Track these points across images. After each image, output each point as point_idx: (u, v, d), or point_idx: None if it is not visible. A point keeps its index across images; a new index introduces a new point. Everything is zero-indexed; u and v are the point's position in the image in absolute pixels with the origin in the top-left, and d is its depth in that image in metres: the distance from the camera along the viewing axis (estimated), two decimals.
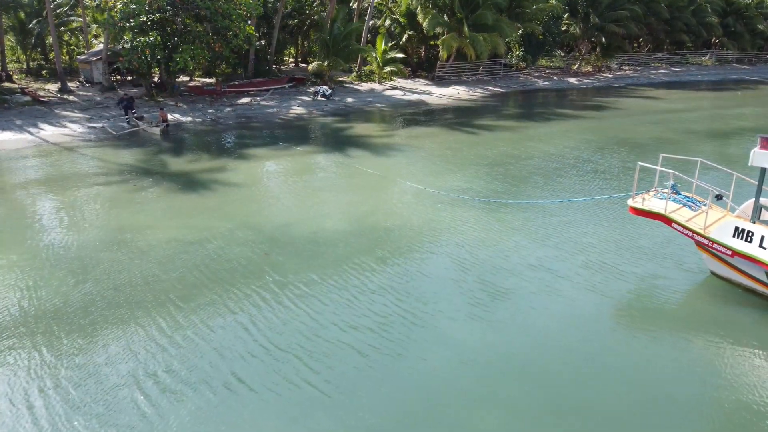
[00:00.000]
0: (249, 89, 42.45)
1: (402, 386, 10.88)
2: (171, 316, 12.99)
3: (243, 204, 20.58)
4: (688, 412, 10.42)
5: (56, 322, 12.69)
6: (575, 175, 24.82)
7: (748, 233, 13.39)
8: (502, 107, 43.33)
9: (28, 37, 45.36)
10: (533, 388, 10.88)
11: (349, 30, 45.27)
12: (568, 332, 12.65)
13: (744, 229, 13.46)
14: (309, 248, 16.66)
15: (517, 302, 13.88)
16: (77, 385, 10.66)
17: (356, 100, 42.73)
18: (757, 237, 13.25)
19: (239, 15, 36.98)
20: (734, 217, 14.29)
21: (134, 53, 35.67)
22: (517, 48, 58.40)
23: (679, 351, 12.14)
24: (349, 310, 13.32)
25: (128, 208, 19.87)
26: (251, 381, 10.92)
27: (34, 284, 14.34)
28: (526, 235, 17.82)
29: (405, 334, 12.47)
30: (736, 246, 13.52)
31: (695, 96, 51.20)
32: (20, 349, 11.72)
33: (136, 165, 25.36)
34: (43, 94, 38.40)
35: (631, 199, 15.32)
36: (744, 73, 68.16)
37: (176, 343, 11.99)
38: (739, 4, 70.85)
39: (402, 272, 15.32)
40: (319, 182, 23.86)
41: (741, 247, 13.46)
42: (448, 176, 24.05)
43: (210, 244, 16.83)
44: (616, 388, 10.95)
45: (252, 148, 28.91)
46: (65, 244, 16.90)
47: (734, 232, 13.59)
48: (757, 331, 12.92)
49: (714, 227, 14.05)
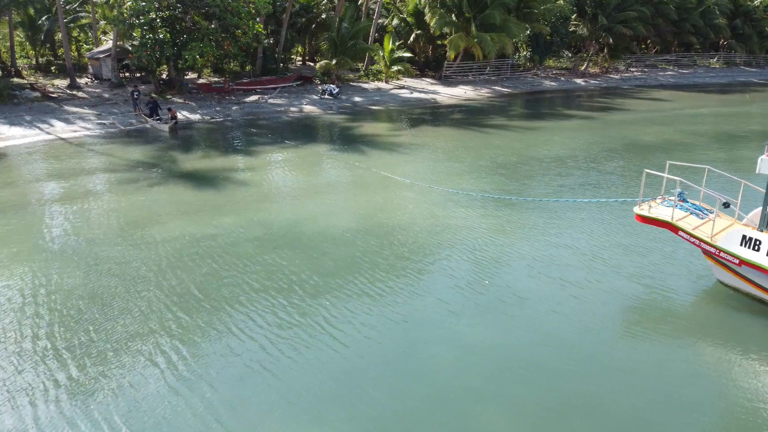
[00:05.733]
0: (257, 87, 42.59)
1: (408, 382, 11.01)
2: (178, 309, 13.12)
3: (251, 201, 20.73)
4: (693, 415, 10.46)
5: (65, 315, 12.83)
6: (582, 176, 24.83)
7: (756, 242, 13.34)
8: (509, 107, 43.34)
9: (37, 33, 45.56)
10: (539, 387, 10.98)
11: (357, 29, 45.33)
12: (573, 333, 12.74)
13: (752, 238, 13.42)
14: (316, 245, 16.80)
15: (524, 302, 13.95)
16: (85, 374, 10.83)
17: (363, 98, 42.79)
18: (765, 246, 13.18)
19: (248, 13, 37.09)
20: (742, 226, 14.25)
21: (143, 50, 35.84)
22: (524, 48, 58.34)
23: (685, 355, 12.20)
24: (355, 307, 13.44)
25: (137, 203, 20.03)
26: (257, 376, 11.08)
27: (45, 276, 14.49)
28: (533, 235, 17.88)
29: (411, 331, 12.61)
30: (744, 255, 13.48)
31: (703, 98, 51.01)
32: (26, 340, 11.88)
33: (145, 161, 25.52)
34: (52, 90, 38.60)
35: (638, 206, 15.29)
36: (752, 75, 67.90)
37: (184, 336, 12.13)
38: (748, 6, 70.55)
39: (408, 270, 15.44)
40: (327, 180, 23.98)
41: (748, 256, 13.41)
42: (455, 175, 24.13)
43: (219, 239, 17.02)
44: (621, 389, 11.02)
45: (260, 146, 29.04)
46: (75, 238, 17.08)
47: (742, 241, 13.54)
48: (764, 337, 12.94)
49: (721, 235, 14.01)
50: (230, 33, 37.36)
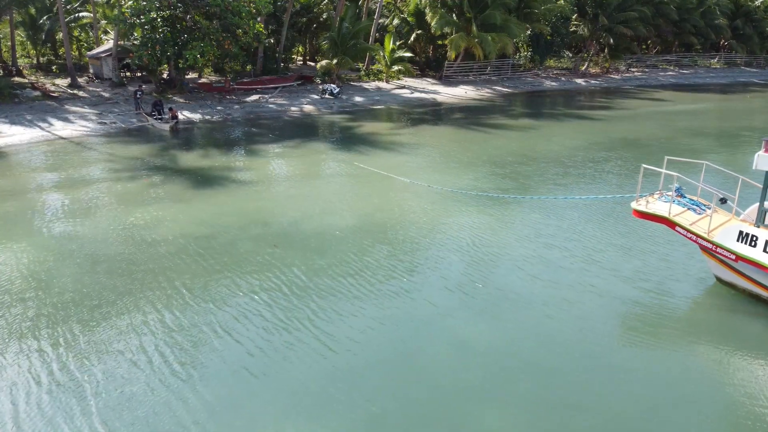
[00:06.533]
0: (257, 87, 42.65)
1: (408, 382, 11.02)
2: (180, 306, 13.17)
3: (252, 200, 20.78)
4: (692, 414, 10.48)
5: (64, 311, 12.88)
6: (582, 174, 24.88)
7: (753, 237, 13.34)
8: (509, 107, 43.36)
9: (38, 32, 45.62)
10: (538, 387, 10.99)
11: (358, 29, 45.36)
12: (573, 332, 12.74)
13: (748, 234, 13.42)
14: (316, 244, 16.84)
15: (523, 302, 13.97)
16: (86, 370, 10.89)
17: (364, 98, 42.84)
18: (762, 241, 13.19)
19: (249, 12, 37.13)
20: (739, 221, 14.22)
21: (144, 49, 35.92)
22: (525, 48, 58.35)
23: (683, 354, 12.21)
24: (356, 306, 13.46)
25: (138, 202, 20.08)
26: (258, 374, 11.09)
27: (45, 274, 14.56)
28: (532, 234, 17.90)
29: (410, 331, 12.62)
30: (740, 250, 13.48)
31: (703, 98, 51.02)
32: (27, 337, 11.93)
33: (146, 160, 25.59)
34: (53, 89, 38.67)
35: (635, 201, 15.28)
36: (753, 75, 67.88)
37: (185, 333, 12.18)
38: (749, 7, 70.51)
39: (408, 269, 15.46)
40: (327, 179, 24.03)
41: (745, 252, 13.41)
42: (455, 174, 24.17)
43: (218, 238, 17.04)
44: (620, 388, 11.03)
45: (260, 145, 29.09)
46: (76, 236, 17.13)
47: (738, 236, 13.55)
48: (762, 337, 12.94)
49: (718, 231, 14.00)
50: (231, 32, 37.42)
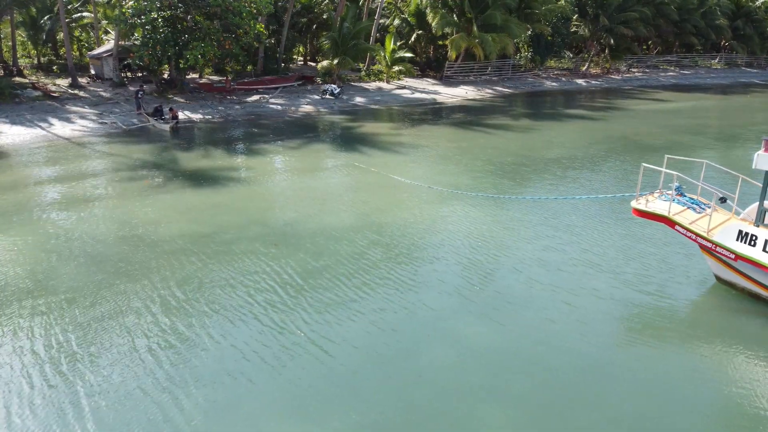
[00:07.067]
0: (258, 87, 42.69)
1: (408, 382, 11.02)
2: (176, 307, 13.19)
3: (252, 200, 20.80)
4: (692, 414, 10.48)
5: (58, 311, 12.90)
6: (582, 174, 24.86)
7: (752, 237, 13.33)
8: (510, 108, 43.36)
9: (39, 32, 45.70)
10: (539, 387, 10.98)
11: (359, 29, 45.39)
12: (573, 333, 12.73)
13: (748, 233, 13.41)
14: (316, 244, 16.84)
15: (523, 302, 13.97)
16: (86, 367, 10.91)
17: (365, 98, 42.87)
18: (761, 241, 13.18)
19: (249, 13, 37.18)
20: (739, 221, 14.20)
21: (145, 50, 35.96)
22: (525, 49, 58.38)
23: (683, 354, 12.21)
24: (355, 307, 13.46)
25: (139, 202, 20.09)
26: (257, 375, 11.09)
27: (42, 273, 14.57)
28: (532, 234, 17.90)
29: (410, 331, 12.62)
30: (740, 249, 13.47)
31: (704, 99, 51.02)
32: (21, 338, 11.95)
33: (146, 160, 25.61)
34: (53, 89, 38.72)
35: (635, 200, 15.28)
36: (753, 76, 67.87)
37: (181, 334, 12.19)
38: (749, 7, 70.54)
39: (408, 269, 15.46)
40: (327, 179, 24.03)
41: (744, 251, 13.40)
42: (455, 174, 24.18)
43: (217, 237, 17.05)
44: (621, 389, 11.02)
45: (261, 146, 29.11)
46: (75, 236, 17.13)
47: (738, 236, 13.53)
48: (763, 337, 12.93)
49: (717, 230, 13.99)
50: (232, 33, 37.48)
